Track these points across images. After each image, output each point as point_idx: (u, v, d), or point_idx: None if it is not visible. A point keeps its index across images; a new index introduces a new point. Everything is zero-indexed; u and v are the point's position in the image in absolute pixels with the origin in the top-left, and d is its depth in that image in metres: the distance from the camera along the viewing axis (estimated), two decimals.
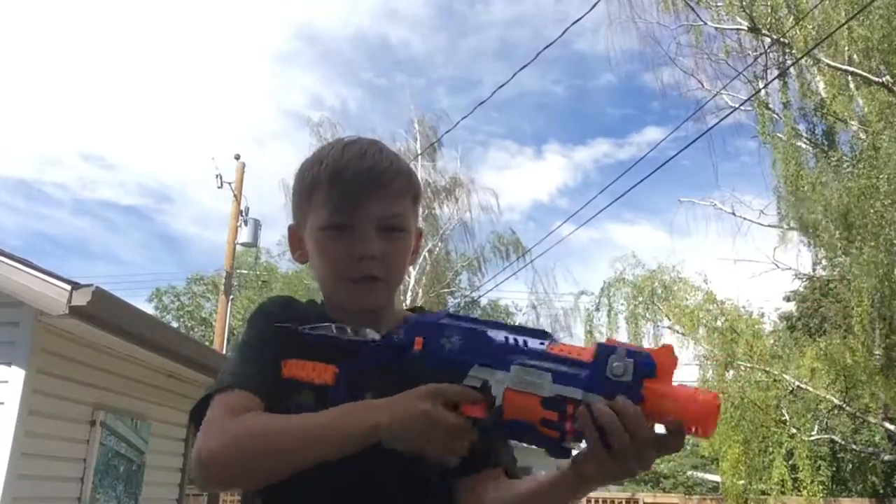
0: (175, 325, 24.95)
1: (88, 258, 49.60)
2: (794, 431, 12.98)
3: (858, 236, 10.62)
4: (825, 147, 12.83)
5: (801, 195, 11.69)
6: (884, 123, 10.77)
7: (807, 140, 13.08)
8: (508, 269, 19.75)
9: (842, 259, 12.34)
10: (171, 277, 41.77)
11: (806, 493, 12.91)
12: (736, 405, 12.85)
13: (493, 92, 12.37)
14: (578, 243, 51.51)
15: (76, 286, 4.34)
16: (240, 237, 14.86)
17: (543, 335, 0.89)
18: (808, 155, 12.76)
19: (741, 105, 13.06)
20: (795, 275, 15.98)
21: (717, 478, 16.06)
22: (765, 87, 12.26)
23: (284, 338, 1.04)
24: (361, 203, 1.07)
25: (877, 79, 11.14)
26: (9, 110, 44.26)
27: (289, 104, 46.35)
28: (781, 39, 11.69)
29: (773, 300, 22.20)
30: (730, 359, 13.35)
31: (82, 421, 5.17)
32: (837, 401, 12.58)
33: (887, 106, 10.89)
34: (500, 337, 0.90)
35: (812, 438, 13.13)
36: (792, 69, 12.09)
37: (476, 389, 0.88)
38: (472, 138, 44.42)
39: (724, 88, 13.35)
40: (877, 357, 11.51)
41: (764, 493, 13.66)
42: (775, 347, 14.04)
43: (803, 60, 11.59)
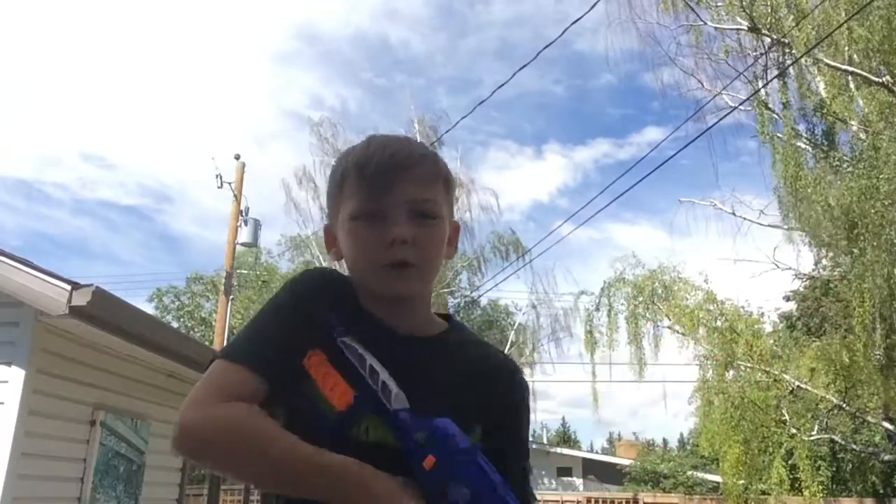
0: (175, 326, 24.95)
1: (88, 258, 49.72)
2: (794, 431, 12.97)
3: (859, 236, 10.61)
4: (825, 147, 12.82)
5: (802, 195, 11.67)
6: (884, 123, 10.77)
7: (807, 140, 13.07)
8: (508, 269, 19.81)
9: (843, 259, 12.33)
10: (171, 277, 41.80)
11: (806, 494, 12.90)
12: (736, 405, 12.85)
13: (493, 92, 12.39)
14: (578, 243, 51.65)
15: (76, 286, 4.34)
16: (240, 237, 14.87)
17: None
18: (808, 155, 12.75)
19: (741, 105, 13.07)
20: (795, 275, 15.98)
21: (718, 478, 16.06)
22: (764, 87, 12.25)
23: (312, 321, 1.03)
24: (390, 187, 1.05)
25: (877, 79, 11.13)
26: (9, 110, 44.29)
27: (289, 104, 46.39)
28: (781, 39, 11.68)
29: (773, 300, 22.22)
30: (730, 359, 13.34)
31: (82, 421, 5.17)
32: (837, 401, 12.58)
33: (887, 106, 10.89)
34: None
35: (812, 438, 13.12)
36: (792, 69, 12.08)
37: None
38: (472, 138, 44.50)
39: (725, 88, 13.36)
40: (877, 357, 11.50)
41: (764, 493, 13.66)
42: (775, 347, 14.02)
43: (803, 60, 11.58)
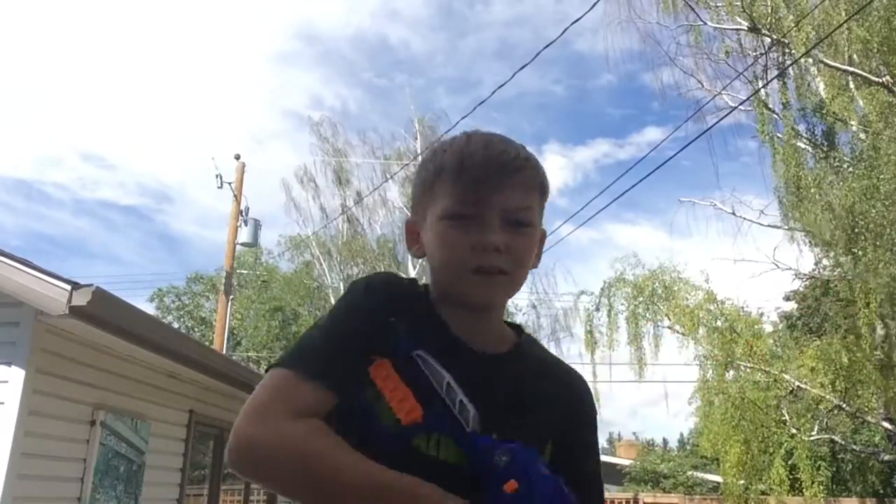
0: (175, 326, 24.95)
1: (88, 258, 49.71)
2: (794, 431, 12.98)
3: (860, 237, 10.61)
4: (825, 147, 12.82)
5: (802, 195, 11.67)
6: (884, 123, 10.77)
7: (807, 140, 13.08)
8: None
9: (844, 259, 12.33)
10: (171, 277, 41.76)
11: (806, 494, 12.91)
12: (736, 405, 12.85)
13: (493, 92, 12.43)
14: (578, 243, 51.59)
15: (76, 286, 4.34)
16: (240, 237, 14.87)
17: None
18: (808, 155, 12.76)
19: (741, 105, 13.07)
20: (795, 274, 15.97)
21: (718, 478, 16.05)
22: (764, 87, 12.25)
23: (379, 328, 0.99)
24: (489, 192, 1.01)
25: (877, 79, 11.13)
26: (9, 110, 44.29)
27: (289, 104, 46.39)
28: (781, 39, 11.68)
29: (774, 300, 22.23)
30: (730, 359, 13.33)
31: (82, 421, 5.17)
32: (837, 401, 12.58)
33: (887, 106, 10.89)
34: None
35: (812, 438, 13.12)
36: (792, 69, 12.08)
37: None
38: None
39: (724, 89, 13.36)
40: (877, 357, 11.50)
41: (764, 494, 13.66)
42: (775, 347, 14.02)
43: (803, 60, 11.58)
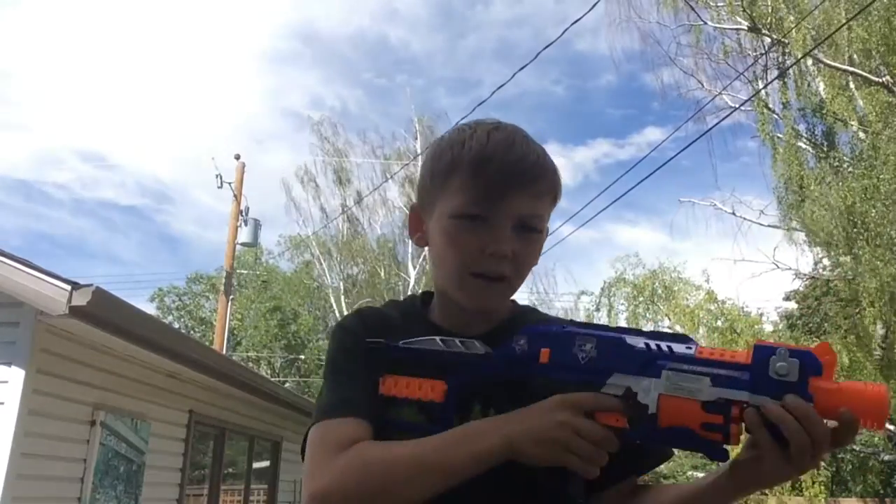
0: (175, 326, 24.95)
1: (88, 258, 49.68)
2: None
3: (860, 236, 10.62)
4: (825, 147, 12.82)
5: (802, 195, 11.68)
6: (883, 123, 10.77)
7: (807, 140, 13.08)
8: None
9: (844, 259, 12.33)
10: (172, 277, 41.78)
11: (806, 494, 12.92)
12: None
13: (493, 92, 12.45)
14: (578, 243, 51.53)
15: (76, 286, 4.34)
16: (240, 237, 14.87)
17: (685, 339, 0.86)
18: (808, 155, 12.76)
19: (741, 105, 13.07)
20: (795, 274, 15.98)
21: None
22: (765, 88, 12.26)
23: (373, 352, 0.98)
24: (502, 196, 0.98)
25: (877, 79, 11.14)
26: (9, 110, 44.31)
27: (289, 104, 46.39)
28: (781, 40, 11.68)
29: (774, 300, 22.22)
30: None
31: (82, 421, 5.16)
32: None
33: (887, 106, 10.89)
34: (640, 343, 0.86)
35: None
36: (792, 69, 12.09)
37: (618, 397, 0.84)
38: None
39: (725, 89, 13.37)
40: (877, 357, 11.49)
41: (764, 493, 13.67)
42: None
43: (803, 61, 11.58)
